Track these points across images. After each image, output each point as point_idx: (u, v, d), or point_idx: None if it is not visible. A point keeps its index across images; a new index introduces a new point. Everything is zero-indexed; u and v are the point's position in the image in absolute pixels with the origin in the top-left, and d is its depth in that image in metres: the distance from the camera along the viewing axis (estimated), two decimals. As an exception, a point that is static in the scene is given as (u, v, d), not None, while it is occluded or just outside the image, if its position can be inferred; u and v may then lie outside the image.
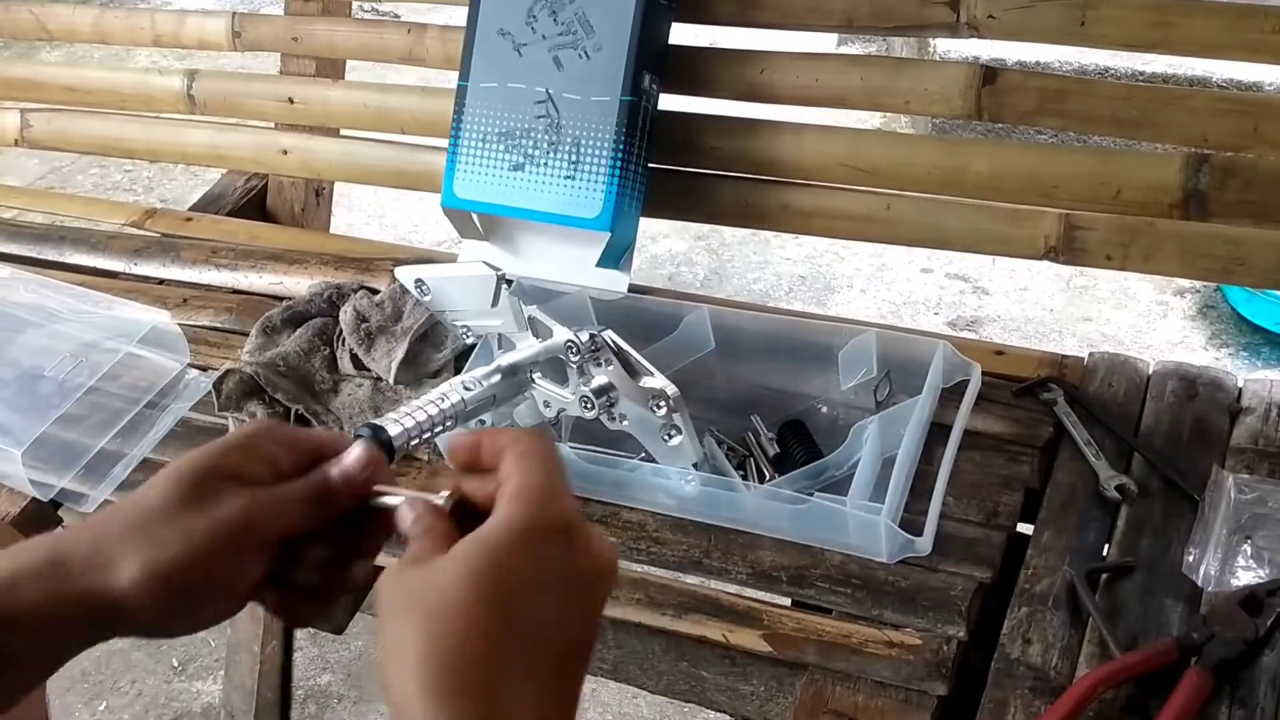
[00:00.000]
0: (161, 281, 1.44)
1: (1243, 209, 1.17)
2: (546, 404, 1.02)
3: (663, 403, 0.98)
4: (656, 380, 0.98)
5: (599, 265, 1.28)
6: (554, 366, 1.02)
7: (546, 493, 0.54)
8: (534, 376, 1.00)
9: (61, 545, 0.57)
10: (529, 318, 1.03)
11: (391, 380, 1.19)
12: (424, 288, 1.09)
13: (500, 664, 0.49)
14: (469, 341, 1.14)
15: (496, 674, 0.49)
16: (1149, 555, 0.98)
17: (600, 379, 1.00)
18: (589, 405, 1.00)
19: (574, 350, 0.99)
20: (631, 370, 0.98)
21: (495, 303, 1.03)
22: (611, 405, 1.01)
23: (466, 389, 0.94)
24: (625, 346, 0.98)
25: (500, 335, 1.07)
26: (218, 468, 0.58)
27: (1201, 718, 0.85)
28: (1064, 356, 1.20)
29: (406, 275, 1.10)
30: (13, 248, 1.50)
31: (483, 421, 1.05)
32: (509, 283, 1.03)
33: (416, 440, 0.91)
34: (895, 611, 0.95)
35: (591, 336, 0.99)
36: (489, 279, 1.03)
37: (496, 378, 0.96)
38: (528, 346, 1.00)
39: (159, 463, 1.15)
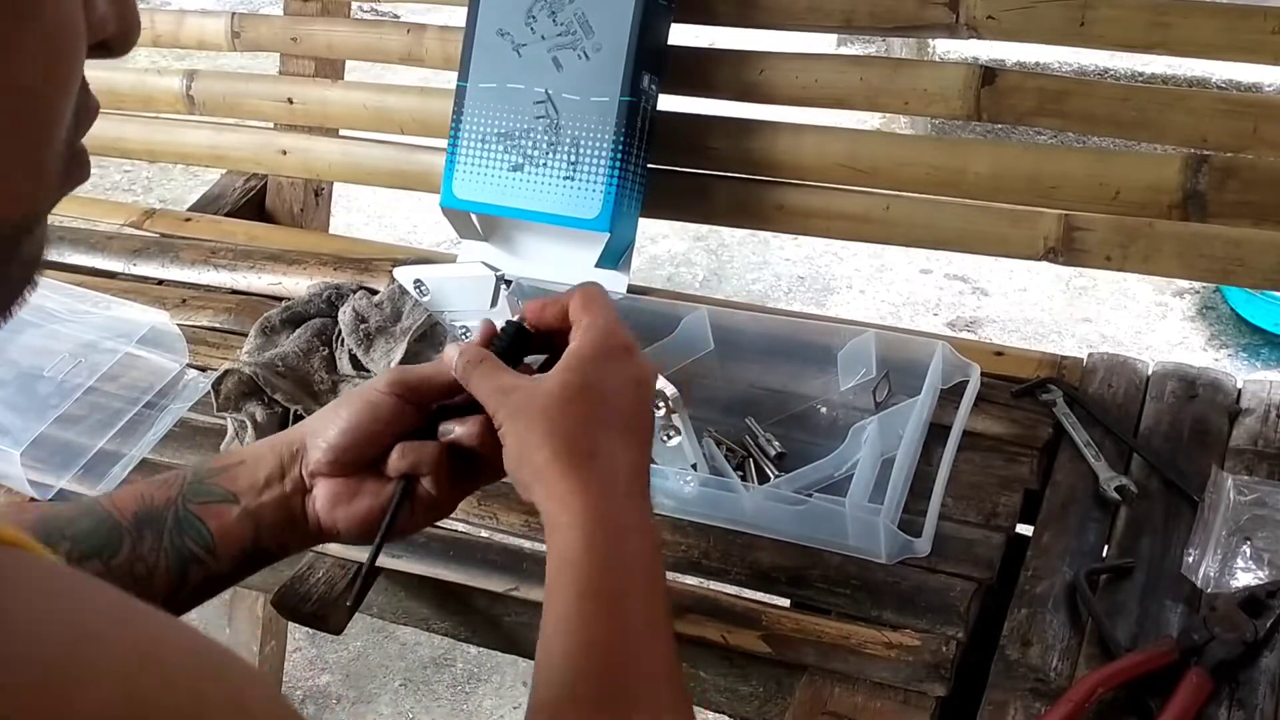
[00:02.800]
0: (160, 282, 1.43)
1: (1242, 210, 1.17)
2: None
3: (661, 403, 0.98)
4: (655, 381, 0.97)
5: (598, 266, 1.28)
6: None
7: (611, 323, 0.80)
8: None
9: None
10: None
11: (390, 381, 1.18)
12: (423, 288, 1.09)
13: (596, 428, 0.76)
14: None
15: (596, 433, 0.75)
16: (1148, 556, 0.98)
17: None
18: None
19: None
20: None
21: (494, 303, 1.03)
22: None
23: None
24: None
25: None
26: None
27: (1201, 719, 0.85)
28: (1063, 357, 1.20)
29: (405, 276, 1.10)
30: (11, 248, 1.50)
31: None
32: (508, 283, 1.03)
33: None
34: (894, 612, 0.95)
35: None
36: (488, 279, 1.03)
37: None
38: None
39: (158, 463, 1.15)
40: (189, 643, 0.41)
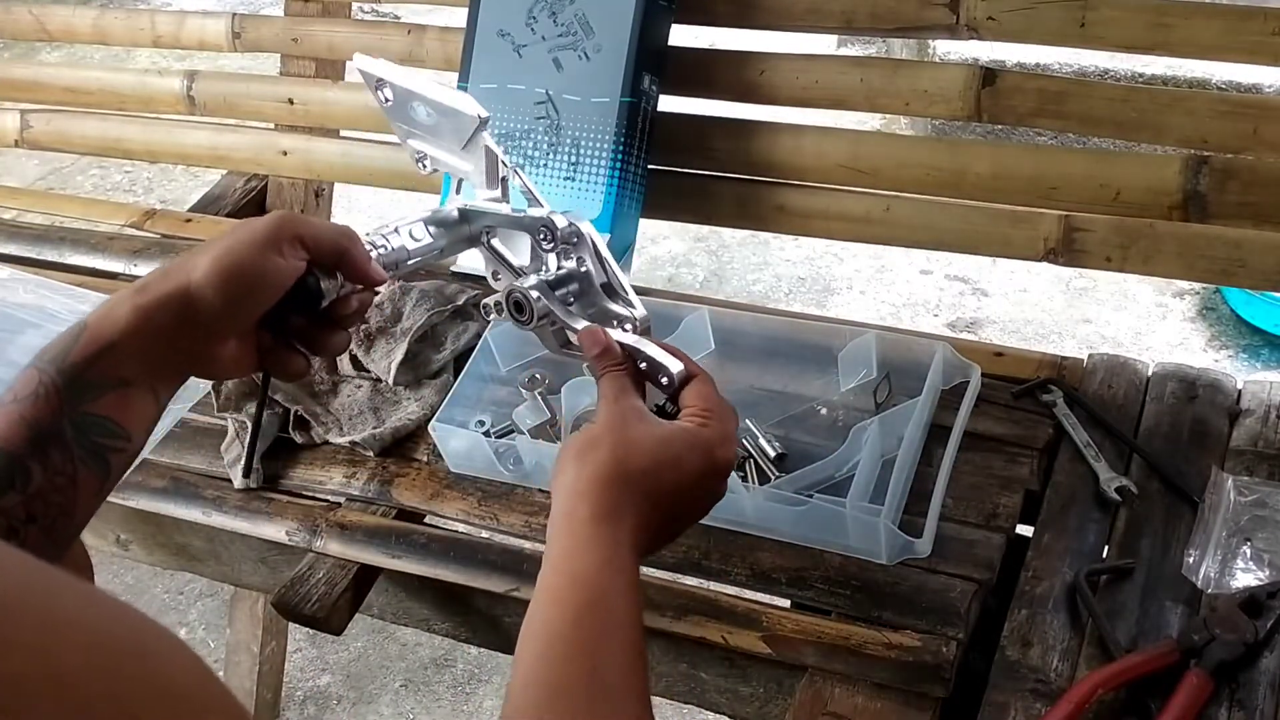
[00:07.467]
0: (161, 282, 1.43)
1: (1242, 211, 1.17)
2: (496, 275, 0.94)
3: (628, 326, 0.87)
4: (634, 309, 0.87)
5: (598, 266, 1.27)
6: (516, 240, 0.93)
7: (727, 435, 0.80)
8: (488, 238, 0.92)
9: (162, 269, 0.81)
10: (503, 178, 0.92)
11: (391, 381, 1.19)
12: (384, 92, 0.93)
13: (675, 501, 0.77)
14: (427, 172, 1.00)
15: (673, 502, 0.77)
16: (1149, 557, 0.98)
17: (569, 266, 0.89)
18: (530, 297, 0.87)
19: (546, 235, 0.89)
20: (609, 287, 0.89)
21: (466, 145, 0.90)
22: (568, 301, 0.89)
23: (414, 239, 0.91)
24: (606, 253, 0.89)
25: (461, 182, 0.97)
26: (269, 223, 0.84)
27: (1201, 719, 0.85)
28: (1063, 358, 1.20)
29: (368, 66, 0.92)
30: (12, 248, 1.50)
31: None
32: (485, 122, 0.89)
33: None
34: (894, 613, 0.95)
35: (572, 224, 0.89)
36: (469, 120, 0.88)
37: (453, 220, 0.91)
38: (494, 204, 0.93)
39: (158, 464, 1.15)
40: (111, 617, 0.40)
